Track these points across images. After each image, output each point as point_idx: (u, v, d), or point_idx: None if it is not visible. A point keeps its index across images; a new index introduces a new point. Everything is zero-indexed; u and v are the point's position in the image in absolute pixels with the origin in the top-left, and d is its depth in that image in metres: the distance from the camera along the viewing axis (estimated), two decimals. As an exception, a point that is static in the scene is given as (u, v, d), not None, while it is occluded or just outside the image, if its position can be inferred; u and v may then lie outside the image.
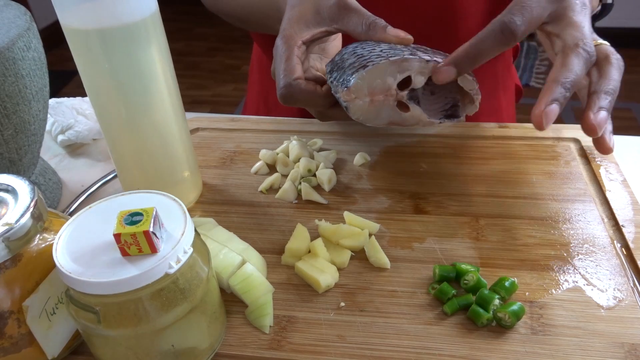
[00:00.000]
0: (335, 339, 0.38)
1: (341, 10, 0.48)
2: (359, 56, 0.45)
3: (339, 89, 0.45)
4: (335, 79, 0.46)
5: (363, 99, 0.44)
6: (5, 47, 0.43)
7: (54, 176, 0.56)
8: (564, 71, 0.43)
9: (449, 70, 0.43)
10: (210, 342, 0.37)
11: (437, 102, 0.48)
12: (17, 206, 0.34)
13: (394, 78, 0.44)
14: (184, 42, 3.19)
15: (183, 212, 0.35)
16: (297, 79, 0.46)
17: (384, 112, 0.46)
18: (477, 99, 0.47)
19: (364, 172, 0.55)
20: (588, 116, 0.43)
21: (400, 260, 0.44)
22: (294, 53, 0.48)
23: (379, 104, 0.45)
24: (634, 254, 0.43)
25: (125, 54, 0.41)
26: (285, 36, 0.49)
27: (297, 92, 0.47)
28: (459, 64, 0.43)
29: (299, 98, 0.47)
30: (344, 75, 0.45)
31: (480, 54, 0.43)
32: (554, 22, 0.45)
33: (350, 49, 0.48)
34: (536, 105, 0.43)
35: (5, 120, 0.44)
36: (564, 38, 0.44)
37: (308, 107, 0.50)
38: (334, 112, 0.50)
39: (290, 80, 0.46)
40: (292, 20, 0.49)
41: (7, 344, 0.34)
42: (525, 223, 0.47)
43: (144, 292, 0.31)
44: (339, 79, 0.45)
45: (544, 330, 0.38)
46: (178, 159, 0.49)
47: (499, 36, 0.43)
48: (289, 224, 0.49)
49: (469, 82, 0.46)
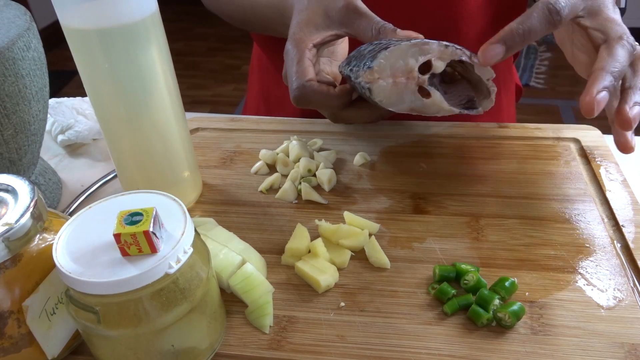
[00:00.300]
0: (335, 339, 0.38)
1: (350, 14, 0.48)
2: (377, 44, 0.46)
3: (360, 72, 0.45)
4: (354, 66, 0.46)
5: (386, 80, 0.44)
6: (5, 47, 0.43)
7: (54, 176, 0.56)
8: (611, 61, 0.43)
9: (497, 48, 0.42)
10: (210, 342, 0.37)
11: (451, 100, 0.48)
12: (17, 206, 0.34)
13: (416, 60, 0.44)
14: (184, 42, 3.19)
15: (183, 212, 0.35)
16: (309, 80, 0.47)
17: (406, 96, 0.45)
18: (492, 91, 0.47)
19: (364, 172, 0.55)
20: (624, 109, 0.43)
21: (400, 260, 0.44)
22: (305, 55, 0.48)
23: (402, 87, 0.45)
24: (634, 254, 0.43)
25: (125, 54, 0.41)
26: (296, 39, 0.49)
27: (311, 93, 0.47)
28: (508, 41, 0.42)
29: (312, 99, 0.47)
30: (364, 60, 0.45)
31: (530, 32, 0.42)
32: (590, 17, 0.45)
33: (365, 45, 0.48)
34: (586, 93, 0.42)
35: (5, 120, 0.44)
36: (607, 31, 0.44)
37: (321, 108, 0.50)
38: (348, 113, 0.50)
39: (303, 81, 0.47)
40: (302, 23, 0.50)
41: (7, 344, 0.34)
42: (525, 223, 0.47)
43: (144, 292, 0.31)
44: (358, 64, 0.46)
45: (544, 330, 0.38)
46: (178, 159, 0.49)
47: (546, 15, 0.42)
48: (289, 224, 0.49)
49: (487, 71, 0.46)
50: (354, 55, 0.48)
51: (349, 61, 0.48)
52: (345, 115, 0.51)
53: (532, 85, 2.47)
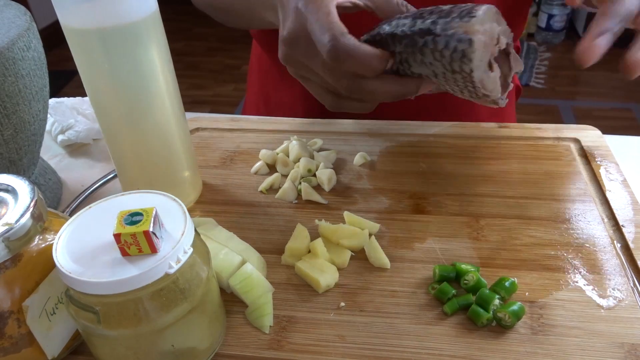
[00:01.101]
0: (335, 339, 0.38)
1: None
2: (447, 6, 0.42)
3: (453, 23, 0.40)
4: (428, 21, 0.41)
5: (484, 35, 0.40)
6: (5, 47, 0.43)
7: (54, 176, 0.56)
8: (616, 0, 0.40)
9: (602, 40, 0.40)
10: (210, 342, 0.37)
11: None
12: (17, 206, 0.34)
13: (498, 25, 0.42)
14: (184, 42, 3.19)
15: (183, 212, 0.35)
16: (345, 34, 0.40)
17: (486, 61, 0.42)
18: (510, 86, 0.45)
19: (364, 172, 0.55)
20: (631, 54, 0.40)
21: (400, 260, 0.44)
22: (333, 5, 0.41)
23: (488, 49, 0.41)
24: (634, 254, 0.43)
25: (125, 54, 0.41)
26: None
27: (350, 48, 0.39)
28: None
29: (350, 57, 0.40)
30: (452, 16, 0.41)
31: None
32: None
33: (412, 11, 0.44)
34: (584, 37, 0.40)
35: (5, 120, 0.44)
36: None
37: (357, 69, 0.42)
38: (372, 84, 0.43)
39: (337, 33, 0.39)
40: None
41: (7, 344, 0.34)
42: (525, 223, 0.47)
43: (144, 292, 0.31)
44: (445, 19, 0.40)
45: (544, 330, 0.38)
46: (178, 159, 0.49)
47: None
48: (289, 224, 0.49)
49: (519, 63, 0.45)
50: (419, 14, 0.42)
51: (412, 19, 0.42)
52: (367, 86, 0.43)
53: (532, 85, 2.47)
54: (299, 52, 0.44)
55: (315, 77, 0.46)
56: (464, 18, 0.40)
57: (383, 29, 0.44)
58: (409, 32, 0.42)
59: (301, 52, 0.44)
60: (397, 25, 0.43)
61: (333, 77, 0.43)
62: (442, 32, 0.41)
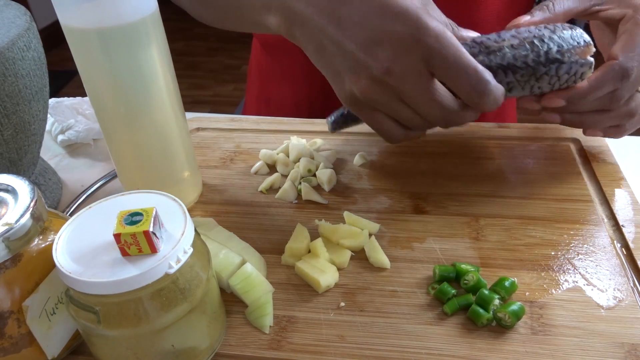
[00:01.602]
0: (335, 339, 0.38)
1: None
2: (543, 29, 0.44)
3: (576, 49, 0.43)
4: (557, 52, 0.43)
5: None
6: (5, 47, 0.43)
7: (54, 176, 0.56)
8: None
9: (559, 101, 0.46)
10: (210, 342, 0.37)
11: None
12: (17, 206, 0.34)
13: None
14: (184, 42, 3.19)
15: (183, 212, 0.34)
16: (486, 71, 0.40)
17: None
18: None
19: (364, 172, 0.55)
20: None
21: (400, 260, 0.44)
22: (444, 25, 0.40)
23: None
24: (634, 254, 0.43)
25: (125, 54, 0.41)
26: (436, 19, 0.39)
27: (493, 85, 0.40)
28: (572, 99, 0.46)
29: (486, 94, 0.40)
30: (559, 33, 0.44)
31: (596, 93, 0.45)
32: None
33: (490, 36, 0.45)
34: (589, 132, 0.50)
35: (5, 120, 0.44)
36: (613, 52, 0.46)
37: (482, 105, 0.41)
38: (472, 115, 0.43)
39: (480, 68, 0.39)
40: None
41: (7, 344, 0.34)
42: (525, 223, 0.47)
43: (144, 292, 0.31)
44: (551, 45, 0.43)
45: (544, 330, 0.38)
46: (178, 159, 0.49)
47: (617, 78, 0.44)
48: (289, 224, 0.49)
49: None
50: (528, 34, 0.44)
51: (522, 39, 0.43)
52: (466, 118, 0.43)
53: (532, 85, 2.47)
54: (396, 79, 0.40)
55: (397, 107, 0.42)
56: (580, 43, 0.44)
57: (487, 60, 0.43)
58: (532, 63, 0.43)
59: (399, 79, 0.40)
60: (513, 57, 0.43)
61: (433, 108, 0.41)
62: (568, 59, 0.43)
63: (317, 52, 0.43)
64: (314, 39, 0.43)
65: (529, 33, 0.44)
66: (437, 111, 0.42)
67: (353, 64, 0.41)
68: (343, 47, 0.41)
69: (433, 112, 0.42)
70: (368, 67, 0.40)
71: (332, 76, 0.44)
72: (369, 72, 0.40)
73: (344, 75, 0.42)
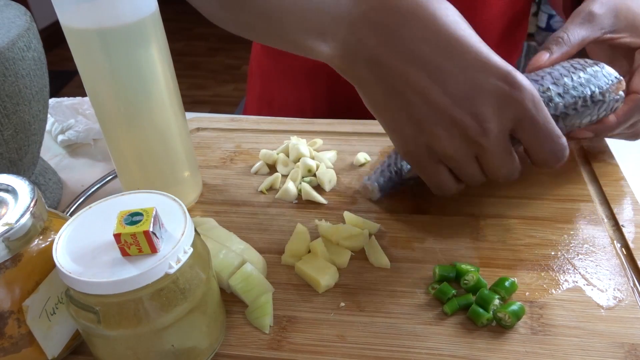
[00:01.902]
0: (335, 339, 0.38)
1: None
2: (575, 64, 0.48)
3: (612, 87, 0.47)
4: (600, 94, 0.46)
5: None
6: (5, 47, 0.43)
7: (54, 176, 0.56)
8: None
9: (587, 133, 0.49)
10: (210, 342, 0.37)
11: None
12: (17, 206, 0.34)
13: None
14: (184, 42, 3.19)
15: (183, 212, 0.34)
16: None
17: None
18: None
19: (364, 172, 0.55)
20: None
21: (400, 260, 0.44)
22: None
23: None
24: (634, 254, 0.43)
25: (125, 54, 0.41)
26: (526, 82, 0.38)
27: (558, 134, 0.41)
28: (598, 132, 0.49)
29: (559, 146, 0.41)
30: (592, 72, 0.47)
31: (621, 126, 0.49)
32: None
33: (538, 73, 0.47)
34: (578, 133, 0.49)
35: (5, 120, 0.44)
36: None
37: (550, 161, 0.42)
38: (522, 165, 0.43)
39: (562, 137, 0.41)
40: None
41: (7, 344, 0.34)
42: (525, 223, 0.47)
43: (144, 292, 0.31)
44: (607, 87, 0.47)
45: (544, 330, 0.38)
46: (178, 159, 0.49)
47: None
48: (289, 224, 0.49)
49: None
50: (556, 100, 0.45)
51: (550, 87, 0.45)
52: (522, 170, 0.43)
53: (532, 85, 2.47)
54: (488, 140, 0.38)
55: (469, 163, 0.41)
56: (614, 81, 0.47)
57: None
58: (581, 109, 0.46)
59: (493, 139, 0.38)
60: (564, 107, 0.45)
61: (504, 168, 0.41)
62: (608, 98, 0.47)
63: (387, 97, 0.39)
64: (387, 83, 0.39)
65: (566, 78, 0.46)
66: (507, 171, 0.41)
67: (444, 118, 0.38)
68: (432, 99, 0.37)
69: (502, 172, 0.41)
70: (464, 126, 0.38)
71: (398, 126, 0.40)
72: (464, 131, 0.38)
73: (426, 127, 0.39)
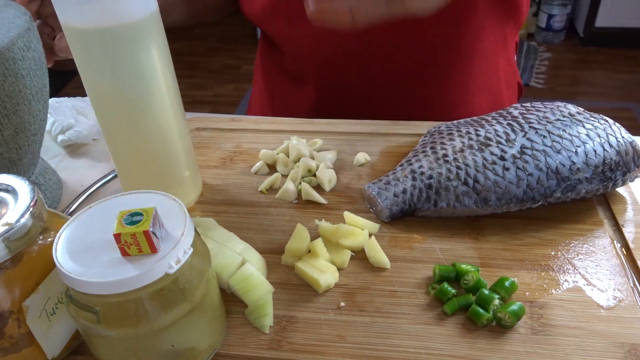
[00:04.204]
0: (335, 339, 0.38)
1: None
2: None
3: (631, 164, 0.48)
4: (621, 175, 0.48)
5: None
6: (5, 47, 0.43)
7: (54, 176, 0.56)
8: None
9: None
10: (210, 342, 0.37)
11: None
12: (17, 206, 0.34)
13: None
14: (184, 42, 3.19)
15: (183, 212, 0.34)
16: None
17: None
18: None
19: (364, 172, 0.55)
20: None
21: (400, 260, 0.44)
22: None
23: None
24: (634, 254, 0.43)
25: (125, 54, 0.41)
26: None
27: None
28: None
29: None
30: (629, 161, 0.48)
31: None
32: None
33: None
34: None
35: (5, 120, 0.44)
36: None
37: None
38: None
39: None
40: None
41: (7, 344, 0.34)
42: (525, 223, 0.47)
43: (144, 292, 0.31)
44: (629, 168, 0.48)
45: (544, 330, 0.38)
46: (178, 159, 0.49)
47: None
48: (289, 224, 0.49)
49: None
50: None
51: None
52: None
53: (532, 85, 2.47)
54: None
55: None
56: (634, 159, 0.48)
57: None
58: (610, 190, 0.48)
59: None
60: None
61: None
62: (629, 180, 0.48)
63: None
64: None
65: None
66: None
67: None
68: None
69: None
70: None
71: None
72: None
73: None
